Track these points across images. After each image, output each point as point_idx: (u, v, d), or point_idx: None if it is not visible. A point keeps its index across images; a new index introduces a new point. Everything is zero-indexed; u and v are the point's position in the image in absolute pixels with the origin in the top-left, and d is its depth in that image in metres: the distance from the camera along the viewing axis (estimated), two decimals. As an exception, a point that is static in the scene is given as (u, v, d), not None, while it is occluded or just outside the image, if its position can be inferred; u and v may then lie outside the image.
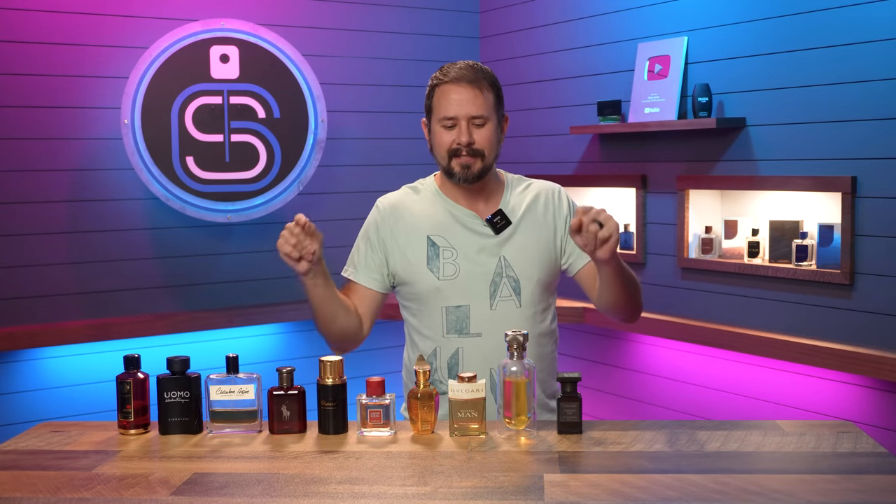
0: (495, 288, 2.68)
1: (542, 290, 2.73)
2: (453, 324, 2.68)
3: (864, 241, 3.63)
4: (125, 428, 2.35)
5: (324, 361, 2.32)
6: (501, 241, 2.71)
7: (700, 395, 4.30)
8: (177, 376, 2.34)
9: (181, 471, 2.06)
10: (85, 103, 4.40)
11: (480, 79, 2.66)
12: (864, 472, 1.99)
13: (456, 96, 2.65)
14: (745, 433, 2.27)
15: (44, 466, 2.12)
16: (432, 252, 2.70)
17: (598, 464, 2.07)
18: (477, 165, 2.66)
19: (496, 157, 2.72)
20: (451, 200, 2.76)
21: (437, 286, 2.68)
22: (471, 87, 2.65)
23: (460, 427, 2.26)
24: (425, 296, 2.70)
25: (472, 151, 2.65)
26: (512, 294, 2.69)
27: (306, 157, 4.63)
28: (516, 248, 2.71)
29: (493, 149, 2.69)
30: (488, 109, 2.66)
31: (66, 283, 4.42)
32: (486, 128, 2.66)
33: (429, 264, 2.69)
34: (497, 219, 2.71)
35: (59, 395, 4.40)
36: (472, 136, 2.65)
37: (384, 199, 2.86)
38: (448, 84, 2.67)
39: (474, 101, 2.64)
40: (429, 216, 2.75)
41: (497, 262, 2.69)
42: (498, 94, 2.71)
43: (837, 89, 3.69)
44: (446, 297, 2.68)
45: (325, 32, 4.95)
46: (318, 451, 2.19)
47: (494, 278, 2.68)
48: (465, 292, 2.68)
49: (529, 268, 2.70)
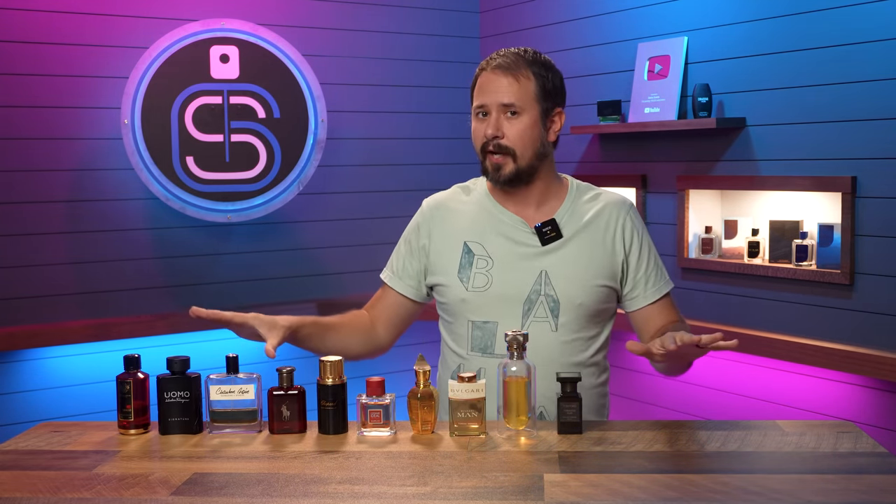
0: (530, 306, 2.48)
1: (587, 317, 2.52)
2: (478, 341, 2.52)
3: (865, 241, 3.63)
4: (125, 428, 2.35)
5: (324, 361, 2.32)
6: (546, 254, 2.50)
7: (700, 395, 4.30)
8: (177, 376, 2.34)
9: (181, 471, 2.06)
10: (85, 103, 4.40)
11: (521, 65, 2.46)
12: (865, 472, 1.99)
13: (489, 84, 2.46)
14: (745, 433, 2.27)
15: (44, 466, 2.12)
16: (466, 260, 2.52)
17: (599, 464, 2.07)
18: (509, 167, 2.46)
19: (539, 156, 2.49)
20: (499, 204, 2.56)
21: (463, 297, 2.51)
22: (506, 74, 2.45)
23: (460, 427, 2.26)
24: (453, 306, 2.55)
25: (499, 147, 2.45)
26: (548, 315, 2.48)
27: (306, 157, 4.63)
28: (562, 264, 2.49)
29: (529, 146, 2.46)
30: (524, 98, 2.44)
31: (66, 282, 4.42)
32: (518, 120, 2.45)
33: (460, 272, 2.52)
34: (547, 228, 2.51)
35: (59, 395, 4.40)
36: (499, 128, 2.44)
37: (430, 198, 2.67)
38: (486, 72, 2.48)
39: (507, 88, 2.44)
40: (471, 220, 2.57)
41: (536, 277, 2.48)
42: (544, 84, 2.48)
43: (838, 89, 3.69)
44: (473, 311, 2.51)
45: (325, 32, 4.95)
46: (318, 451, 2.19)
47: (531, 295, 2.48)
48: (494, 307, 2.49)
49: (573, 289, 2.48)
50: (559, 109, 2.54)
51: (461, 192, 2.65)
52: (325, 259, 5.04)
